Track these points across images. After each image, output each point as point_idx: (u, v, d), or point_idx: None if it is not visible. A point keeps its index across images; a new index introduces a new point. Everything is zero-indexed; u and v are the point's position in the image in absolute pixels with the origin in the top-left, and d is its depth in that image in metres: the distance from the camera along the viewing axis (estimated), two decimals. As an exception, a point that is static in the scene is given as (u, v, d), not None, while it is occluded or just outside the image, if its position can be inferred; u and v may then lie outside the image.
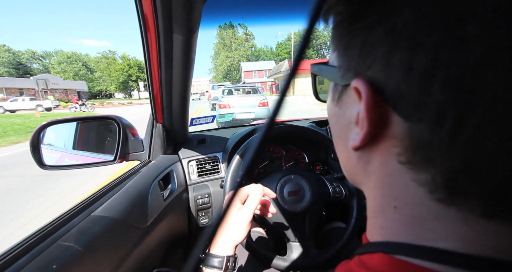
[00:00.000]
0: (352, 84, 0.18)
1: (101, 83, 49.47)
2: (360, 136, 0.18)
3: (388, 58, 0.16)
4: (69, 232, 0.42)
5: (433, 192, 0.16)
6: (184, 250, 0.87)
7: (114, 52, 50.60)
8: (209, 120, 1.21)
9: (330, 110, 0.24)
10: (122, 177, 0.67)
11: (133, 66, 45.52)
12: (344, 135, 0.22)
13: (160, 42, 0.55)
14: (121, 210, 0.51)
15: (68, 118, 0.73)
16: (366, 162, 0.20)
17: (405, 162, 0.17)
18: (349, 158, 0.23)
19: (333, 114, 0.24)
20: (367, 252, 0.20)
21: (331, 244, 0.65)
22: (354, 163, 0.22)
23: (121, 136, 0.76)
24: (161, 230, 0.63)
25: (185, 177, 0.87)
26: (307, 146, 0.99)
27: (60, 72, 47.58)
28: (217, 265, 0.44)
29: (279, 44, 52.43)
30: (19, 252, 0.35)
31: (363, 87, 0.17)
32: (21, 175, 3.51)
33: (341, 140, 0.23)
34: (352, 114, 0.20)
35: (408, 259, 0.17)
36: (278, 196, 0.63)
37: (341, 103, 0.21)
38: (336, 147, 0.26)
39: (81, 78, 48.80)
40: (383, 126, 0.17)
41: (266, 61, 44.24)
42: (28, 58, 51.39)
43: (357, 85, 0.17)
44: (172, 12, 0.47)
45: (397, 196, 0.18)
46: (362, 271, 0.19)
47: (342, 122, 0.22)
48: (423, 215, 0.17)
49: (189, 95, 0.75)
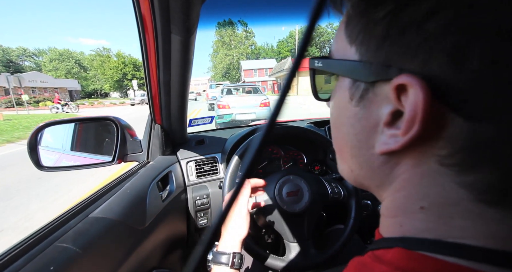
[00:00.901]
0: (396, 81, 0.16)
1: (96, 81, 47.86)
2: (405, 139, 0.16)
3: (457, 52, 0.14)
4: (66, 233, 0.41)
5: (479, 194, 0.15)
6: (183, 251, 0.87)
7: (109, 49, 49.03)
8: (207, 121, 1.20)
9: (344, 111, 0.22)
10: (120, 178, 0.67)
11: (128, 64, 43.06)
12: (366, 137, 0.20)
13: (158, 43, 0.55)
14: (119, 212, 0.51)
15: (66, 119, 0.73)
16: (394, 164, 0.19)
17: (451, 164, 0.16)
18: (369, 162, 0.21)
19: (350, 115, 0.21)
20: (382, 247, 0.20)
21: (329, 244, 0.66)
22: (376, 167, 0.20)
23: (119, 137, 0.75)
24: (160, 231, 0.63)
25: (184, 178, 0.87)
26: (305, 147, 0.99)
27: (52, 70, 45.98)
28: (224, 261, 0.46)
29: (280, 42, 51.26)
30: (16, 254, 0.35)
31: (417, 84, 0.15)
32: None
33: (358, 143, 0.21)
34: (382, 114, 0.18)
35: (427, 254, 0.16)
36: (276, 197, 0.63)
37: (364, 102, 0.19)
38: (346, 151, 0.23)
39: (73, 76, 46.84)
40: (435, 127, 0.15)
41: (267, 59, 43.13)
42: (19, 56, 49.87)
43: (406, 82, 0.15)
44: (170, 13, 0.47)
45: (427, 197, 0.17)
46: (376, 265, 0.18)
47: (366, 124, 0.19)
48: (454, 214, 0.16)
49: (187, 96, 0.75)
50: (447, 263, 0.15)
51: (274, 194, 0.63)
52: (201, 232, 0.90)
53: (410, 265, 0.16)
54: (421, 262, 0.16)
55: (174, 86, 0.67)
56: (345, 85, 0.21)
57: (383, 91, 0.17)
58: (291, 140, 0.98)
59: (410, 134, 0.16)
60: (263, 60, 42.46)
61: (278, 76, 28.69)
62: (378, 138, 0.19)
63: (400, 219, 0.19)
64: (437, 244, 0.16)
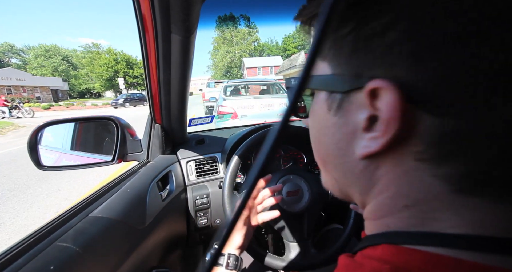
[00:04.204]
0: (368, 86, 0.17)
1: (88, 80, 44.02)
2: (385, 139, 0.17)
3: (414, 56, 0.15)
4: (67, 233, 0.41)
5: (453, 184, 0.16)
6: (183, 250, 0.87)
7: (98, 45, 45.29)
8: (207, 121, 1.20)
9: (324, 122, 0.22)
10: (120, 178, 0.67)
11: (120, 61, 38.59)
12: (346, 144, 0.21)
13: (158, 43, 0.54)
14: (119, 211, 0.51)
15: (66, 118, 0.73)
16: (375, 168, 0.20)
17: (426, 159, 0.17)
18: (351, 169, 0.21)
19: (330, 125, 0.22)
20: (369, 245, 0.20)
21: (329, 244, 0.66)
22: (358, 173, 0.21)
23: (119, 137, 0.75)
24: (160, 231, 0.63)
25: (184, 178, 0.87)
26: (305, 146, 0.99)
27: (37, 68, 41.35)
28: (221, 263, 0.46)
29: (286, 37, 48.68)
30: (16, 253, 0.35)
31: (388, 86, 0.16)
32: None
33: (339, 151, 0.22)
34: (359, 120, 0.19)
35: (414, 247, 0.17)
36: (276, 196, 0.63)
37: (342, 111, 0.20)
38: (329, 161, 0.24)
39: (61, 74, 42.32)
40: (409, 125, 0.16)
41: (272, 56, 40.42)
42: (5, 52, 45.59)
43: (377, 86, 0.16)
44: (170, 13, 0.47)
45: (409, 194, 0.18)
46: (366, 261, 0.19)
47: (344, 131, 0.20)
48: (437, 208, 0.17)
49: (187, 95, 0.75)
50: (434, 254, 0.16)
51: (274, 194, 0.63)
52: (201, 231, 0.90)
53: (400, 259, 0.17)
54: (410, 255, 0.17)
55: (174, 85, 0.67)
56: (322, 98, 0.22)
57: (357, 99, 0.19)
58: (291, 139, 0.98)
59: (389, 134, 0.17)
60: (267, 57, 39.91)
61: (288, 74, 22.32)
62: (358, 143, 0.19)
63: (386, 220, 0.20)
64: (419, 236, 0.17)
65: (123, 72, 38.81)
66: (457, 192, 0.16)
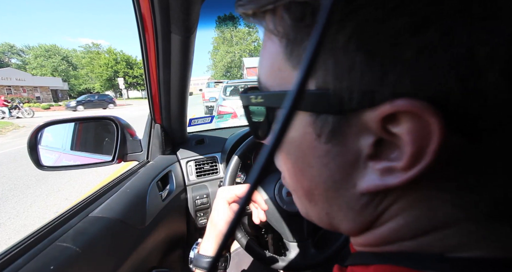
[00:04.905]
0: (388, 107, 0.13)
1: (88, 80, 43.08)
2: (409, 175, 0.14)
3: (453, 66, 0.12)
4: (67, 233, 0.41)
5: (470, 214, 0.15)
6: (183, 250, 0.87)
7: (98, 45, 45.22)
8: (207, 121, 1.20)
9: (311, 151, 0.18)
10: (120, 178, 0.67)
11: (120, 61, 38.36)
12: (344, 176, 0.17)
13: (158, 43, 0.55)
14: (119, 211, 0.51)
15: (66, 118, 0.73)
16: (380, 200, 0.17)
17: (449, 187, 0.15)
18: (350, 204, 0.18)
19: (321, 154, 0.17)
20: (360, 264, 0.19)
21: (329, 244, 0.66)
22: (359, 208, 0.18)
23: (119, 137, 0.75)
24: (160, 231, 0.63)
25: (184, 178, 0.87)
26: None
27: (37, 68, 40.62)
28: (205, 266, 0.43)
29: None
30: (16, 253, 0.35)
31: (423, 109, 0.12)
32: None
33: (335, 183, 0.18)
34: (362, 146, 0.15)
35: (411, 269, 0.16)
36: (276, 196, 0.63)
37: (338, 137, 0.16)
38: (318, 194, 0.19)
39: (60, 74, 41.55)
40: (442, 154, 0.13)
41: None
42: (5, 52, 44.44)
43: (404, 108, 0.12)
44: (170, 13, 0.47)
45: (416, 224, 0.16)
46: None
47: (343, 161, 0.16)
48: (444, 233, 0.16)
49: (187, 95, 0.75)
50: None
51: (274, 194, 0.63)
52: (201, 231, 0.90)
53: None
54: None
55: (174, 85, 0.67)
56: (304, 121, 0.17)
57: (361, 121, 0.14)
58: None
59: (418, 168, 0.13)
60: (268, 56, 40.76)
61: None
62: (361, 174, 0.16)
63: (384, 247, 0.18)
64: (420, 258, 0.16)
65: (123, 72, 38.73)
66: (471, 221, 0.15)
